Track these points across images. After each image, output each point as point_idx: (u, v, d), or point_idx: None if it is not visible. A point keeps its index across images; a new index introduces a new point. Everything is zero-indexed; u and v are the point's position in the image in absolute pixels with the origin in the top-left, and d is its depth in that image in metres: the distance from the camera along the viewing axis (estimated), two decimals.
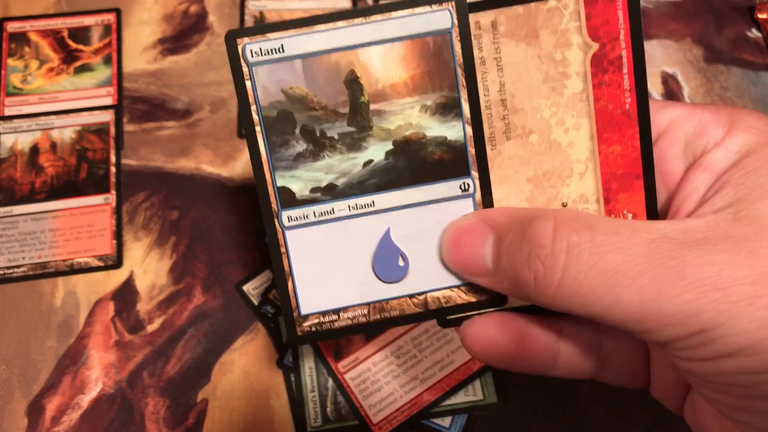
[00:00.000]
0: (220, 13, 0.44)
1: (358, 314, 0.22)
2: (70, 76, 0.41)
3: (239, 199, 0.38)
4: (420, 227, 0.21)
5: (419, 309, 0.22)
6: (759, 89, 0.43)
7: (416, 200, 0.21)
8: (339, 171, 0.21)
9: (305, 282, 0.21)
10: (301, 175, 0.21)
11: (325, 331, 0.22)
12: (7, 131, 0.39)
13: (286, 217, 0.21)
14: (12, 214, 0.37)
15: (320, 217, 0.21)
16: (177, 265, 0.37)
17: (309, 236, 0.21)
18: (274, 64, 0.20)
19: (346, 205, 0.21)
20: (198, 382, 0.34)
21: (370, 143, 0.21)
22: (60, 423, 0.33)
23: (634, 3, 0.21)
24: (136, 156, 0.39)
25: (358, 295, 0.21)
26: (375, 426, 0.32)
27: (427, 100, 0.20)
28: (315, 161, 0.21)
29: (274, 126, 0.20)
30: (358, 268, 0.21)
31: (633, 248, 0.17)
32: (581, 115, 0.21)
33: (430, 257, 0.21)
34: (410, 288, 0.21)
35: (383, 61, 0.20)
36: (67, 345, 0.35)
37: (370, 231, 0.21)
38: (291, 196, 0.21)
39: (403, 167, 0.21)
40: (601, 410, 0.34)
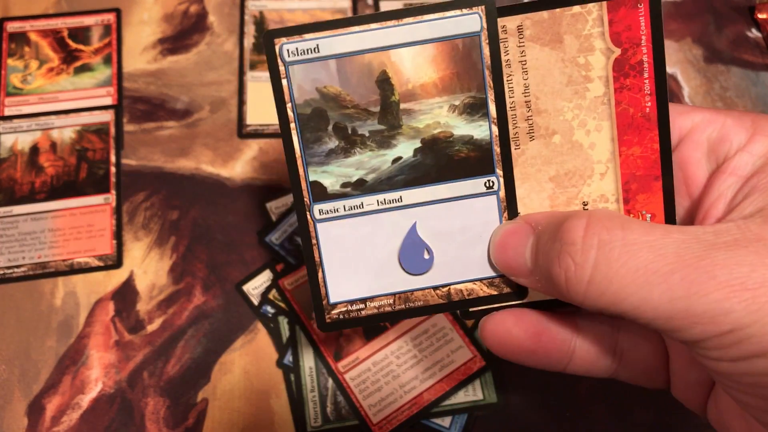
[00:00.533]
0: (220, 13, 0.44)
1: (384, 303, 0.23)
2: (70, 76, 0.41)
3: (239, 199, 0.38)
4: (445, 222, 0.22)
5: (443, 300, 0.23)
6: (759, 89, 0.43)
7: (442, 196, 0.22)
8: (369, 167, 0.22)
9: (334, 272, 0.22)
10: (332, 171, 0.22)
11: (353, 318, 0.23)
12: (7, 131, 0.39)
13: (318, 210, 0.22)
14: (12, 214, 0.37)
15: (350, 210, 0.22)
16: (177, 265, 0.37)
17: (339, 229, 0.22)
18: (309, 64, 0.21)
19: (374, 200, 0.22)
20: (198, 382, 0.34)
21: (399, 141, 0.21)
22: (60, 423, 0.33)
23: (656, 10, 0.21)
24: (136, 156, 0.39)
25: (384, 286, 0.22)
26: (375, 426, 0.32)
27: (456, 100, 0.21)
28: (346, 157, 0.22)
29: (308, 123, 0.21)
30: (385, 260, 0.22)
31: (664, 248, 0.17)
32: (603, 117, 0.21)
33: (454, 251, 0.22)
34: (434, 280, 0.22)
35: (414, 62, 0.21)
36: (67, 345, 0.35)
37: (398, 225, 0.22)
38: (323, 190, 0.22)
39: (431, 164, 0.22)
40: (601, 410, 0.34)
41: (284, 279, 0.35)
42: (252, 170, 0.39)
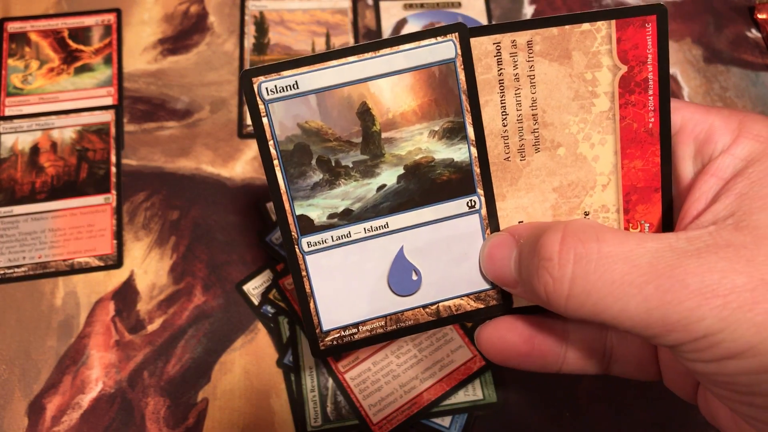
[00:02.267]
0: (220, 13, 0.44)
1: (376, 326, 0.23)
2: (70, 77, 0.41)
3: (239, 199, 0.38)
4: (431, 243, 0.23)
5: (432, 318, 0.23)
6: (758, 89, 0.43)
7: (427, 219, 0.22)
8: (354, 197, 0.22)
9: (326, 301, 0.23)
10: (318, 203, 0.22)
11: (346, 343, 0.23)
12: (8, 131, 0.39)
13: (306, 243, 0.22)
14: (12, 214, 0.37)
15: (338, 240, 0.22)
16: (177, 265, 0.37)
17: (327, 259, 0.22)
18: (289, 100, 0.21)
19: (362, 228, 0.22)
20: (198, 381, 0.34)
21: (382, 169, 0.22)
22: (60, 423, 0.33)
23: (663, 30, 0.21)
24: (137, 156, 0.39)
25: (375, 309, 0.23)
26: (375, 426, 0.32)
27: (435, 126, 0.22)
28: (331, 189, 0.22)
29: (292, 158, 0.21)
30: (375, 285, 0.23)
31: (638, 258, 0.17)
32: (607, 131, 0.22)
33: (441, 270, 0.23)
34: (423, 299, 0.23)
35: (393, 92, 0.21)
36: (67, 345, 0.35)
37: (385, 250, 0.22)
38: (310, 223, 0.22)
39: (414, 189, 0.22)
40: (600, 410, 0.34)
41: (284, 279, 0.35)
42: (252, 170, 0.39)
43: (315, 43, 0.43)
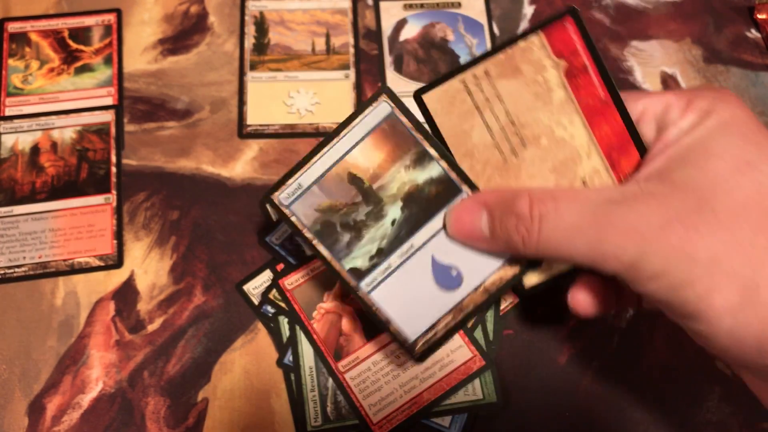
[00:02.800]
0: (220, 13, 0.44)
1: (448, 320, 0.27)
2: (70, 77, 0.41)
3: (239, 199, 0.38)
4: (450, 242, 0.27)
5: (486, 296, 0.27)
6: (758, 89, 0.43)
7: (438, 227, 0.27)
8: (379, 237, 0.28)
9: (401, 319, 0.28)
10: (357, 254, 0.28)
11: (434, 342, 0.28)
12: (8, 131, 0.39)
13: (364, 284, 0.28)
14: (13, 214, 0.37)
15: (385, 273, 0.28)
16: (177, 265, 0.37)
17: (386, 288, 0.28)
18: (301, 198, 0.28)
19: (396, 257, 0.27)
20: (198, 381, 0.34)
21: (387, 209, 0.28)
22: (60, 422, 0.33)
23: (581, 24, 0.26)
24: (137, 156, 0.39)
25: (440, 309, 0.28)
26: (375, 425, 0.32)
27: (406, 161, 0.27)
28: (360, 240, 0.28)
29: (323, 233, 0.28)
30: (429, 291, 0.28)
31: (584, 210, 0.23)
32: (572, 113, 0.27)
33: (470, 259, 0.27)
34: (471, 285, 0.27)
35: (365, 155, 0.28)
36: (67, 345, 0.35)
37: (422, 263, 0.28)
38: (359, 271, 0.28)
39: (418, 211, 0.27)
40: (600, 409, 0.34)
41: (284, 279, 0.35)
42: (252, 170, 0.39)
43: (315, 43, 0.43)
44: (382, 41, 0.43)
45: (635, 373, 0.35)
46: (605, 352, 0.35)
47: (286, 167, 0.39)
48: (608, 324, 0.36)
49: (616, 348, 0.35)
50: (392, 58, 0.43)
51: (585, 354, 0.35)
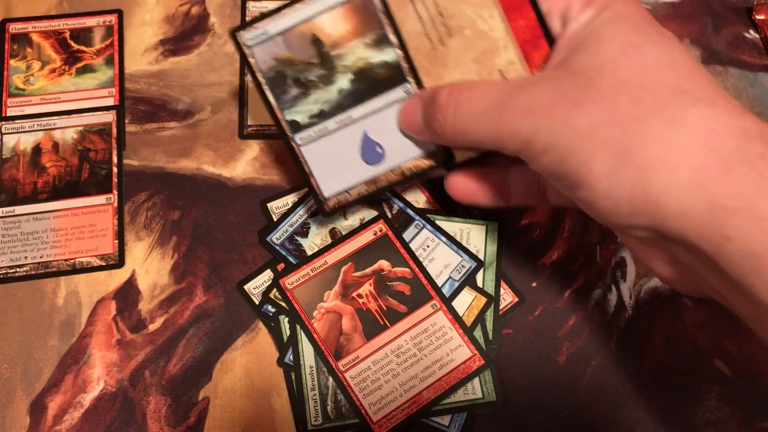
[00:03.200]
0: (221, 14, 0.44)
1: (361, 189, 0.31)
2: (72, 77, 0.41)
3: (240, 199, 0.39)
4: (385, 124, 0.31)
5: (399, 177, 0.31)
6: (757, 90, 0.43)
7: (378, 107, 0.30)
8: (323, 101, 0.30)
9: (322, 176, 0.31)
10: (300, 110, 0.30)
11: (344, 204, 0.31)
12: (10, 131, 0.40)
13: (299, 138, 0.31)
14: (14, 214, 0.37)
15: (320, 133, 0.31)
16: (178, 265, 0.37)
17: (316, 147, 0.31)
18: (264, 43, 0.30)
19: (334, 122, 0.30)
20: (199, 380, 0.34)
21: (338, 77, 0.30)
22: (62, 422, 0.33)
23: None
24: (138, 156, 0.40)
25: (357, 177, 0.31)
26: (375, 424, 0.32)
27: (367, 39, 0.30)
28: (306, 98, 0.30)
29: (274, 82, 0.30)
30: (353, 160, 0.31)
31: (490, 96, 0.25)
32: (491, 7, 0.29)
33: (397, 142, 0.31)
34: (390, 164, 0.31)
35: (332, 22, 0.30)
36: (69, 344, 0.35)
37: (354, 134, 0.31)
38: (298, 124, 0.30)
39: (364, 87, 0.30)
40: (598, 408, 0.34)
41: (285, 278, 0.35)
42: (253, 170, 0.39)
43: None
44: None
45: (634, 372, 0.35)
46: (604, 352, 0.35)
47: (286, 167, 0.39)
48: (607, 323, 0.36)
49: (615, 347, 0.35)
50: None
51: (584, 353, 0.35)
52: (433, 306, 0.34)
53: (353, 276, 0.35)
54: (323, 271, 0.35)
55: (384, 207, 0.37)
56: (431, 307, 0.34)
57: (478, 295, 0.35)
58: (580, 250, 0.38)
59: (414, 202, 0.37)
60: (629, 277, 0.37)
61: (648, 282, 0.37)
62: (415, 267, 0.35)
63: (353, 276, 0.35)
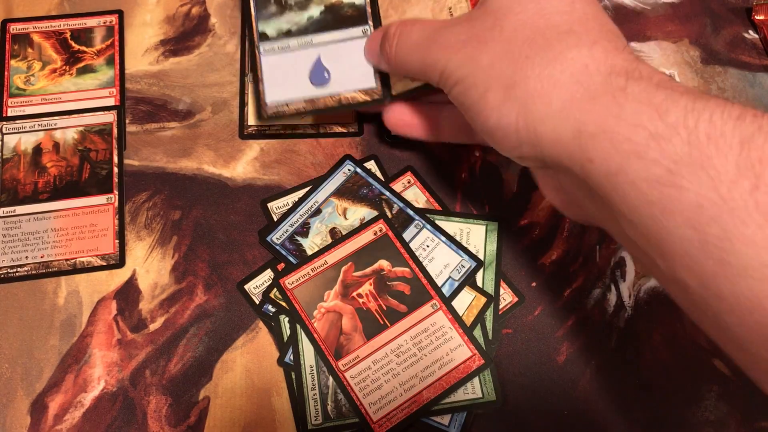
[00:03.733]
0: (221, 14, 0.44)
1: (299, 106, 0.35)
2: (72, 77, 0.41)
3: (241, 199, 0.39)
4: (338, 55, 0.35)
5: (335, 104, 0.35)
6: (756, 90, 0.43)
7: (336, 38, 0.36)
8: (294, 22, 0.36)
9: (269, 84, 0.35)
10: (272, 25, 0.36)
11: (281, 113, 0.35)
12: (11, 132, 0.40)
13: (263, 48, 0.36)
14: (15, 213, 0.37)
15: (282, 49, 0.36)
16: (179, 265, 0.37)
17: (274, 58, 0.36)
18: None
19: (296, 42, 0.36)
20: (200, 380, 0.34)
21: (311, 7, 0.36)
22: (63, 421, 0.33)
23: None
24: (139, 156, 0.40)
25: (299, 94, 0.35)
26: (375, 424, 0.32)
27: None
28: (281, 17, 0.36)
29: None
30: (301, 78, 0.35)
31: (424, 33, 0.29)
32: None
33: (344, 73, 0.35)
34: (331, 90, 0.35)
35: None
36: (69, 344, 0.35)
37: (309, 56, 0.36)
38: (266, 36, 0.36)
39: (330, 19, 0.36)
40: (598, 408, 0.34)
41: (285, 278, 0.35)
42: (253, 170, 0.39)
43: None
44: None
45: (633, 372, 0.35)
46: (604, 351, 0.35)
47: (287, 167, 0.39)
48: (607, 323, 0.36)
49: (615, 347, 0.35)
50: None
51: (583, 353, 0.35)
52: (433, 306, 0.34)
53: (353, 276, 0.35)
54: (323, 270, 0.35)
55: (384, 207, 0.37)
56: (431, 306, 0.34)
57: (477, 294, 0.35)
58: (580, 249, 0.38)
59: (414, 202, 0.38)
60: (629, 276, 0.37)
61: (647, 282, 0.37)
62: (415, 267, 0.35)
63: (353, 276, 0.35)
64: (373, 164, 0.39)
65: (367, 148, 0.40)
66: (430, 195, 0.38)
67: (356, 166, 0.38)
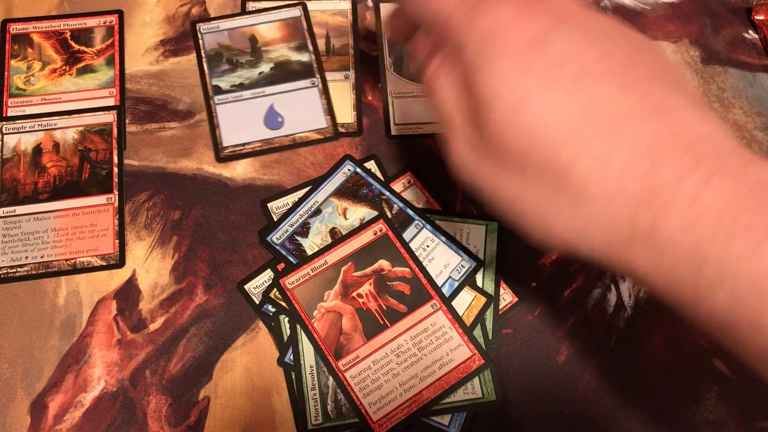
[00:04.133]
0: (221, 14, 0.44)
1: (255, 146, 0.39)
2: (72, 77, 0.41)
3: (241, 199, 0.39)
4: (290, 102, 0.41)
5: (290, 142, 0.40)
6: (756, 90, 0.43)
7: (288, 89, 0.41)
8: (246, 77, 0.41)
9: (226, 130, 0.40)
10: (225, 79, 0.41)
11: (237, 154, 0.39)
12: (11, 132, 0.40)
13: (217, 99, 0.41)
14: (15, 213, 0.37)
15: (236, 99, 0.41)
16: (179, 265, 0.37)
17: (229, 108, 0.40)
18: (214, 33, 0.43)
19: (249, 93, 0.41)
20: (200, 380, 0.34)
21: (261, 65, 0.42)
22: (63, 421, 0.33)
23: None
24: (139, 156, 0.40)
25: (256, 136, 0.40)
26: (375, 424, 0.32)
27: (291, 44, 0.42)
28: (233, 73, 0.41)
29: (213, 58, 0.42)
30: (255, 123, 0.40)
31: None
32: None
33: (296, 116, 0.40)
34: (285, 132, 0.40)
35: (268, 30, 0.43)
36: (69, 344, 0.35)
37: (262, 104, 0.40)
38: (220, 89, 0.41)
39: (279, 74, 0.41)
40: (598, 408, 0.34)
41: (285, 278, 0.35)
42: (253, 170, 0.39)
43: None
44: (382, 43, 0.44)
45: (633, 372, 0.35)
46: (604, 351, 0.35)
47: (287, 167, 0.39)
48: (607, 323, 0.36)
49: (615, 347, 0.35)
50: (392, 59, 0.43)
51: (583, 353, 0.35)
52: (433, 306, 0.34)
53: (353, 276, 0.35)
54: (323, 270, 0.35)
55: (384, 207, 0.37)
56: (431, 306, 0.34)
57: (477, 294, 0.35)
58: None
59: (414, 202, 0.38)
60: None
61: None
62: (415, 267, 0.35)
63: (353, 276, 0.35)
64: (373, 164, 0.39)
65: (367, 148, 0.40)
66: (430, 195, 0.38)
67: (356, 166, 0.38)
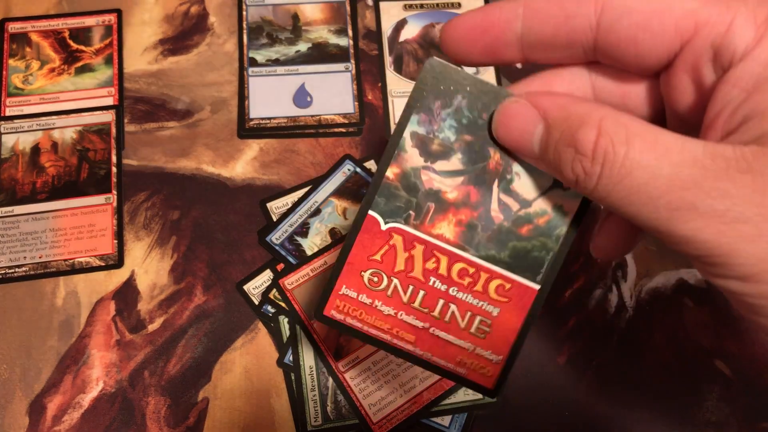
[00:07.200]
0: (220, 14, 0.44)
1: (281, 122, 0.40)
2: (71, 77, 0.41)
3: (240, 199, 0.38)
4: (322, 83, 0.41)
5: (315, 122, 0.40)
6: None
7: (321, 70, 0.42)
8: (282, 53, 0.42)
9: (255, 103, 0.41)
10: (262, 53, 0.42)
11: (263, 128, 0.40)
12: (9, 131, 0.40)
13: (251, 71, 0.42)
14: (13, 214, 0.37)
15: (270, 73, 0.42)
16: (178, 265, 0.37)
17: (261, 81, 0.41)
18: (257, 7, 0.44)
19: (284, 69, 0.42)
20: (199, 381, 0.34)
21: (300, 43, 0.43)
22: (61, 422, 0.33)
23: None
24: (137, 156, 0.40)
25: (283, 112, 0.41)
26: (375, 425, 0.32)
27: (331, 27, 0.43)
28: (271, 47, 0.42)
29: (254, 31, 0.43)
30: (285, 100, 0.41)
31: (659, 170, 0.18)
32: None
33: (325, 98, 0.41)
34: (312, 112, 0.41)
35: (312, 10, 0.44)
36: (68, 344, 0.35)
37: (294, 82, 0.42)
38: (255, 61, 0.42)
39: (316, 55, 0.42)
40: (599, 409, 0.34)
41: (285, 278, 0.35)
42: (252, 170, 0.39)
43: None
44: (382, 41, 0.44)
45: (634, 373, 0.35)
46: (605, 352, 0.35)
47: (286, 167, 0.39)
48: (608, 324, 0.36)
49: (616, 348, 0.35)
50: (392, 58, 0.43)
51: (584, 354, 0.35)
52: None
53: None
54: (323, 271, 0.35)
55: None
56: None
57: None
58: (581, 250, 0.38)
59: None
60: (630, 277, 0.37)
61: (649, 282, 0.37)
62: None
63: None
64: (373, 164, 0.39)
65: (367, 148, 0.40)
66: None
67: (356, 166, 0.38)
